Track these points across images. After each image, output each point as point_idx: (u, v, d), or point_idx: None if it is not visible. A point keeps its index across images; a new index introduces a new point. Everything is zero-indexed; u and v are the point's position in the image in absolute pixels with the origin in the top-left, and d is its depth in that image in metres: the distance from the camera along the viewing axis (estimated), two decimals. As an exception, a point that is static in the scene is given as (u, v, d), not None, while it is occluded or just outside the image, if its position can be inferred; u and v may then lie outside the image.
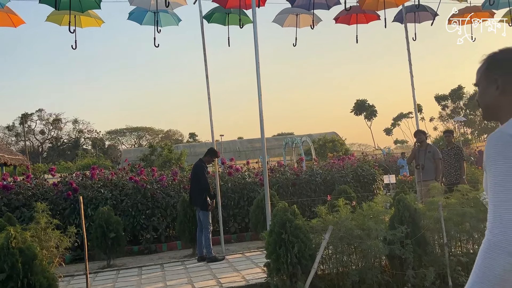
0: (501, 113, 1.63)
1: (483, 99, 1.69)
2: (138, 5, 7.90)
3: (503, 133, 1.50)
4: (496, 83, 1.63)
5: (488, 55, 1.71)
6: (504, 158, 1.44)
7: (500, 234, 1.39)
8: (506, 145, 1.46)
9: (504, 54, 1.66)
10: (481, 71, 1.71)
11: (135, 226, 9.14)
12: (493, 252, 1.40)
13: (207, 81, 8.56)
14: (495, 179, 1.45)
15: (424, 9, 9.37)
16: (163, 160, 20.27)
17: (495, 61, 1.66)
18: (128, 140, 72.62)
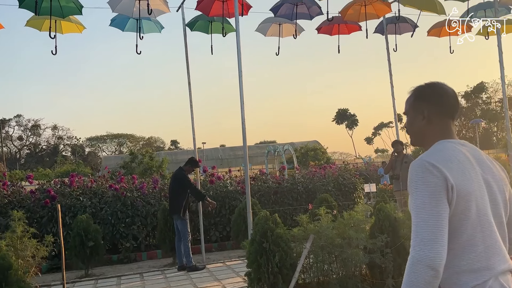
0: (426, 140, 1.85)
1: (412, 127, 1.90)
2: (120, 12, 7.84)
3: (423, 161, 1.67)
4: (423, 114, 1.84)
5: (415, 88, 1.91)
6: (424, 183, 1.63)
7: (421, 250, 1.56)
8: (426, 172, 1.64)
9: (430, 88, 1.86)
10: (409, 102, 1.91)
11: (114, 235, 9.01)
12: (416, 267, 1.57)
13: (189, 89, 8.55)
14: (417, 201, 1.63)
15: (404, 20, 9.54)
16: (144, 168, 20.06)
17: (422, 94, 1.87)
18: (109, 147, 71.72)
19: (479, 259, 1.64)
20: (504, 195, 1.77)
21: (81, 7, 7.14)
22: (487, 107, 60.61)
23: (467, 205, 1.63)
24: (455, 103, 1.87)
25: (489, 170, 1.77)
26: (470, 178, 1.67)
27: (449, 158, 1.69)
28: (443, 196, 1.61)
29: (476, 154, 1.78)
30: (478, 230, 1.65)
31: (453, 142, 1.78)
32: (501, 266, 1.66)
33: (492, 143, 53.22)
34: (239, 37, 6.29)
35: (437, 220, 1.58)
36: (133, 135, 70.97)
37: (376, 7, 8.72)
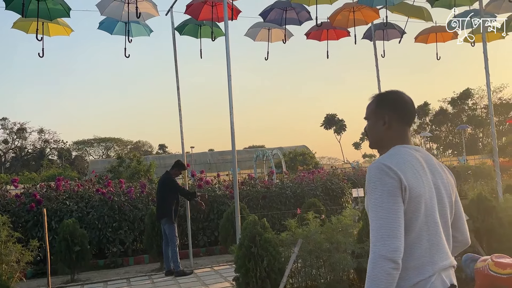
0: (384, 144, 1.98)
1: (372, 132, 2.03)
2: (109, 15, 7.80)
3: (380, 163, 1.81)
4: (384, 120, 1.97)
5: (377, 95, 2.06)
6: (381, 184, 1.76)
7: (382, 245, 1.69)
8: (383, 173, 1.77)
9: (391, 96, 2.01)
10: (371, 108, 2.03)
11: (101, 239, 8.91)
12: (378, 261, 1.69)
13: (178, 93, 8.53)
14: (375, 200, 1.76)
15: (392, 27, 9.64)
16: (131, 172, 19.89)
17: (384, 101, 2.00)
18: (96, 151, 71.09)
19: (424, 255, 1.79)
20: (450, 198, 1.95)
21: (69, 10, 7.09)
22: (473, 113, 61.40)
23: (417, 205, 1.78)
24: (413, 111, 2.02)
25: (438, 174, 1.93)
26: (422, 181, 1.82)
27: (404, 162, 1.82)
28: (398, 195, 1.75)
29: (428, 159, 1.93)
30: (424, 229, 1.80)
31: (408, 148, 1.93)
32: (443, 262, 1.83)
33: (478, 149, 53.88)
34: (228, 41, 6.30)
35: (394, 217, 1.72)
36: (120, 139, 70.47)
37: (364, 13, 8.79)
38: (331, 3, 8.11)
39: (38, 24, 7.23)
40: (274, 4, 8.54)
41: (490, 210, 5.66)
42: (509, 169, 17.61)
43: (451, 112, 64.10)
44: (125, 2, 7.60)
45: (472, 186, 12.60)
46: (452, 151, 63.89)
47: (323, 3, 8.08)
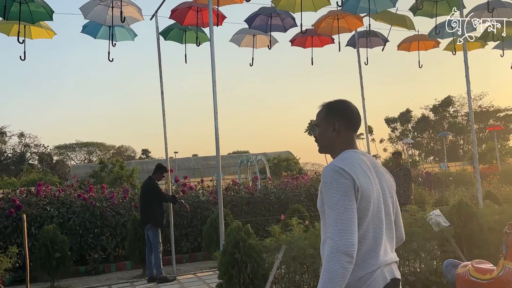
0: (334, 149, 2.15)
1: (323, 137, 2.19)
2: (93, 19, 7.74)
3: (335, 166, 1.96)
4: (334, 126, 2.13)
5: (327, 103, 2.20)
6: (337, 184, 1.91)
7: (338, 240, 1.82)
8: (338, 174, 1.92)
9: (340, 104, 2.18)
10: (321, 115, 2.19)
11: (82, 246, 8.78)
12: (335, 254, 1.81)
13: (162, 97, 8.49)
14: (332, 199, 1.90)
15: (376, 35, 9.77)
16: (113, 177, 19.64)
17: (334, 109, 2.17)
18: (78, 155, 70.10)
19: (369, 251, 1.93)
20: (393, 198, 2.14)
21: (52, 13, 7.00)
22: (454, 120, 62.45)
23: (367, 204, 1.94)
24: (358, 118, 2.19)
25: (383, 177, 2.10)
26: (370, 182, 1.99)
27: (355, 165, 1.98)
28: (352, 195, 1.90)
29: (373, 163, 2.11)
30: (371, 226, 1.95)
31: (357, 152, 2.09)
32: (385, 257, 1.98)
33: (458, 156, 54.76)
34: (213, 47, 6.30)
35: (350, 215, 1.86)
36: (103, 144, 69.65)
37: (348, 21, 8.90)
38: (315, 10, 8.18)
39: (20, 27, 7.12)
40: (259, 11, 8.58)
41: (470, 216, 5.74)
42: (489, 175, 17.93)
43: (433, 119, 65.09)
44: (109, 6, 7.55)
45: (453, 193, 12.80)
46: (433, 157, 64.79)
47: (308, 10, 8.14)
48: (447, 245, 5.63)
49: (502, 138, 47.75)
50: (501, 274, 3.90)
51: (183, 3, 8.11)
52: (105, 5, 7.53)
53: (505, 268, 3.89)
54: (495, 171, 20.99)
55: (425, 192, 12.71)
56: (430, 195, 12.96)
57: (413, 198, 9.07)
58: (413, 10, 8.39)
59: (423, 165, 43.67)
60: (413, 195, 9.22)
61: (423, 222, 5.71)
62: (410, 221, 5.88)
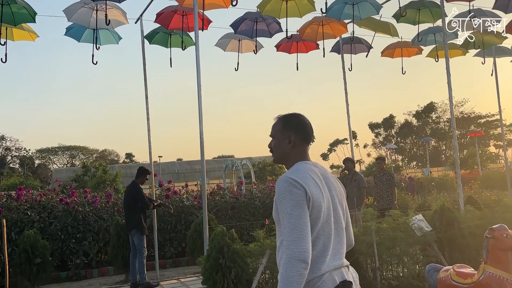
0: (289, 161, 2.28)
1: (278, 149, 2.31)
2: (76, 22, 7.67)
3: (288, 177, 2.08)
4: (289, 139, 2.26)
5: (283, 116, 2.34)
6: (290, 194, 2.03)
7: (294, 248, 1.94)
8: (291, 186, 2.04)
9: (295, 118, 2.32)
10: (277, 127, 2.31)
11: (64, 251, 8.64)
12: (291, 261, 1.93)
13: (147, 101, 8.44)
14: (286, 209, 2.02)
15: (360, 41, 9.88)
16: (97, 181, 19.43)
17: (290, 122, 2.30)
18: (60, 159, 69.10)
19: (319, 256, 2.05)
20: (342, 206, 2.27)
21: (35, 14, 6.91)
22: (437, 126, 63.35)
23: (318, 213, 2.06)
24: (311, 132, 2.34)
25: (332, 186, 2.23)
26: (321, 192, 2.11)
27: (306, 176, 2.10)
28: (305, 204, 2.02)
29: (324, 173, 2.23)
30: (321, 234, 2.07)
31: (309, 164, 2.22)
32: (334, 262, 2.10)
33: (441, 161, 55.51)
34: (198, 51, 6.29)
35: (303, 224, 1.98)
36: (86, 147, 68.83)
37: (333, 27, 8.98)
38: (301, 16, 8.24)
39: (2, 28, 7.02)
40: (245, 15, 8.61)
41: (452, 221, 5.82)
42: (470, 181, 18.21)
43: (416, 125, 65.93)
44: (94, 9, 7.49)
45: (436, 198, 12.95)
46: (416, 163, 65.57)
47: (293, 16, 8.20)
48: (429, 249, 5.69)
49: (483, 144, 48.61)
50: (481, 278, 3.96)
51: (168, 7, 8.09)
52: (89, 8, 7.47)
53: (485, 272, 3.95)
54: (476, 177, 21.32)
55: (408, 197, 12.83)
56: (413, 200, 13.09)
57: (397, 203, 9.14)
58: (396, 17, 8.51)
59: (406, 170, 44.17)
60: (397, 200, 9.29)
61: (406, 227, 5.77)
62: (393, 226, 5.94)
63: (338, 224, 2.19)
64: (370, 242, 5.56)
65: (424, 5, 8.41)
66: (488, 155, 35.16)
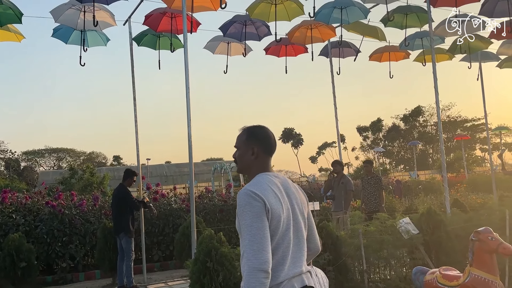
0: (251, 171, 2.36)
1: (242, 160, 2.39)
2: (64, 23, 7.60)
3: (248, 190, 2.16)
4: (253, 150, 2.34)
5: (248, 128, 2.41)
6: (250, 207, 2.10)
7: (254, 259, 2.02)
8: (251, 198, 2.12)
9: (259, 130, 2.40)
10: (242, 139, 2.39)
11: (49, 254, 8.54)
12: (252, 272, 2.01)
13: (135, 103, 8.39)
14: (246, 221, 2.10)
15: (348, 45, 9.95)
16: (84, 184, 19.22)
17: (254, 134, 2.38)
18: (47, 161, 68.31)
19: (277, 265, 2.13)
20: (303, 215, 2.33)
21: (21, 15, 6.84)
22: (424, 129, 63.92)
23: (277, 224, 2.14)
24: (274, 144, 2.42)
25: (293, 196, 2.30)
26: (280, 203, 2.18)
27: (266, 188, 2.18)
28: (264, 216, 2.10)
29: (285, 184, 2.31)
30: (280, 243, 2.15)
31: (269, 175, 2.29)
32: (294, 270, 2.18)
33: (428, 164, 56.01)
34: (187, 53, 6.27)
35: (263, 235, 2.06)
36: (73, 150, 68.16)
37: (321, 31, 9.04)
38: (289, 20, 8.28)
39: (-13, 29, 6.94)
40: (234, 18, 8.62)
41: (438, 224, 5.87)
42: (456, 184, 18.41)
43: (403, 129, 66.46)
44: (81, 10, 7.44)
45: (423, 201, 13.07)
46: (404, 166, 66.06)
47: (282, 19, 8.23)
48: (416, 252, 5.74)
49: (469, 148, 49.23)
50: (467, 280, 4.00)
51: (157, 9, 8.07)
52: (77, 9, 7.42)
53: (471, 274, 3.99)
54: (462, 180, 21.57)
55: (395, 200, 12.92)
56: (400, 203, 13.19)
57: (384, 206, 9.19)
58: (384, 22, 8.59)
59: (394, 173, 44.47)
60: (384, 203, 9.35)
61: (393, 230, 5.81)
62: (381, 228, 5.97)
63: (298, 232, 2.26)
64: (357, 245, 5.58)
65: (411, 10, 8.50)
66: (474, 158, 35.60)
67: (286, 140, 73.32)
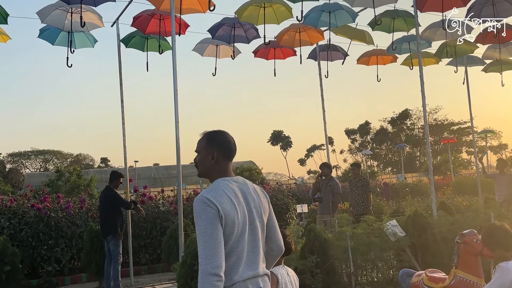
0: (211, 176, 2.42)
1: (202, 164, 2.45)
2: (50, 23, 7.52)
3: (203, 197, 2.23)
4: (212, 155, 2.39)
5: (208, 133, 2.46)
6: (204, 213, 2.19)
7: (207, 264, 2.11)
8: (205, 205, 2.20)
9: (219, 135, 2.45)
10: (202, 144, 2.45)
11: (35, 258, 8.42)
12: (205, 276, 2.10)
13: (122, 105, 8.34)
14: (200, 228, 2.18)
15: (336, 49, 9.99)
16: (70, 186, 19.04)
17: (214, 139, 2.43)
18: (33, 163, 67.49)
19: (232, 267, 2.20)
20: (262, 218, 2.39)
21: (7, 16, 6.76)
22: (411, 132, 64.54)
23: (232, 229, 2.20)
24: (234, 149, 2.46)
25: (252, 200, 2.36)
26: (236, 208, 2.24)
27: (221, 194, 2.25)
28: (218, 222, 2.17)
29: (244, 189, 2.36)
30: (235, 247, 2.22)
31: (227, 180, 2.35)
32: (248, 272, 2.26)
33: (415, 167, 56.50)
34: (175, 55, 6.25)
35: (215, 241, 2.14)
36: (60, 152, 67.44)
37: (309, 34, 9.08)
38: (278, 23, 8.30)
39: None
40: (222, 21, 8.61)
41: (425, 226, 5.92)
42: (443, 186, 18.59)
43: (391, 131, 67.02)
44: (68, 11, 7.37)
45: (410, 203, 13.17)
46: (391, 168, 66.59)
47: (271, 22, 8.24)
48: (403, 254, 5.78)
49: (456, 151, 49.73)
50: (452, 282, 4.04)
51: (145, 10, 8.03)
52: (64, 10, 7.35)
53: (456, 276, 4.03)
54: (448, 182, 21.78)
55: (383, 203, 13.00)
56: (387, 205, 13.27)
57: (372, 208, 9.24)
58: (371, 26, 8.66)
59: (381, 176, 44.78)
60: (372, 206, 9.40)
61: (380, 232, 5.84)
62: (368, 231, 6.00)
63: (254, 236, 2.33)
64: (345, 247, 5.60)
65: (398, 14, 8.58)
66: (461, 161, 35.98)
67: (275, 143, 73.44)
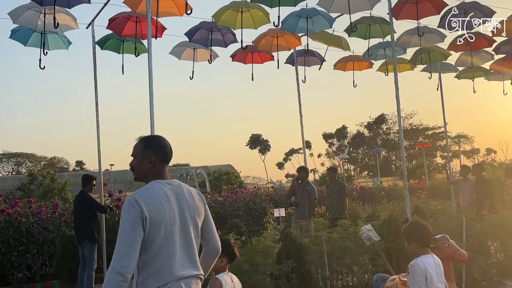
0: (148, 179, 2.48)
1: (139, 168, 2.51)
2: (23, 24, 7.35)
3: (131, 197, 2.30)
4: (150, 159, 2.48)
5: (144, 138, 2.56)
6: (127, 214, 2.25)
7: (116, 262, 2.19)
8: (130, 206, 2.27)
9: (156, 139, 2.55)
10: (139, 148, 2.52)
11: (4, 265, 8.17)
12: (111, 274, 2.18)
13: (97, 108, 8.21)
14: (121, 227, 2.25)
15: (313, 54, 10.06)
16: (44, 190, 18.62)
17: (151, 144, 2.52)
18: (5, 167, 65.77)
19: (162, 267, 2.28)
20: (195, 220, 2.47)
21: (-23, 16, 6.57)
22: (387, 137, 65.51)
23: (157, 229, 2.28)
24: (170, 153, 2.56)
25: (185, 202, 2.44)
26: (164, 210, 2.31)
27: (151, 196, 2.32)
28: (139, 223, 2.23)
29: (178, 191, 2.44)
30: (164, 246, 2.29)
31: (161, 183, 2.42)
32: (181, 272, 2.32)
33: (391, 171, 57.34)
34: (151, 58, 6.19)
35: (131, 241, 2.21)
36: (33, 155, 65.89)
37: (287, 39, 9.12)
38: (255, 28, 8.30)
39: None
40: (200, 25, 8.57)
41: (399, 231, 5.96)
42: (418, 190, 18.91)
43: (367, 136, 67.90)
44: (41, 12, 7.21)
45: (385, 207, 13.33)
46: (368, 172, 67.41)
47: (248, 27, 8.24)
48: (378, 259, 5.83)
49: (430, 155, 50.73)
50: (425, 287, 4.08)
51: (121, 13, 7.91)
52: (37, 11, 7.19)
53: (429, 281, 4.07)
54: (423, 186, 22.18)
55: (359, 207, 13.14)
56: (363, 209, 13.42)
57: (348, 213, 9.31)
58: (348, 32, 8.75)
59: (358, 179, 45.29)
60: (348, 210, 9.47)
61: (356, 236, 5.88)
62: (343, 235, 6.04)
63: (187, 237, 2.40)
64: (321, 251, 5.62)
65: (374, 21, 8.70)
66: (435, 166, 36.66)
67: (253, 146, 73.47)
